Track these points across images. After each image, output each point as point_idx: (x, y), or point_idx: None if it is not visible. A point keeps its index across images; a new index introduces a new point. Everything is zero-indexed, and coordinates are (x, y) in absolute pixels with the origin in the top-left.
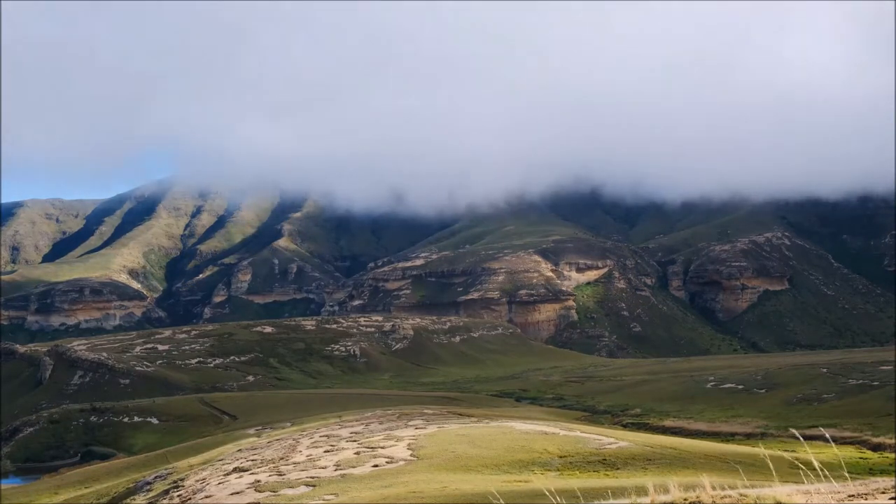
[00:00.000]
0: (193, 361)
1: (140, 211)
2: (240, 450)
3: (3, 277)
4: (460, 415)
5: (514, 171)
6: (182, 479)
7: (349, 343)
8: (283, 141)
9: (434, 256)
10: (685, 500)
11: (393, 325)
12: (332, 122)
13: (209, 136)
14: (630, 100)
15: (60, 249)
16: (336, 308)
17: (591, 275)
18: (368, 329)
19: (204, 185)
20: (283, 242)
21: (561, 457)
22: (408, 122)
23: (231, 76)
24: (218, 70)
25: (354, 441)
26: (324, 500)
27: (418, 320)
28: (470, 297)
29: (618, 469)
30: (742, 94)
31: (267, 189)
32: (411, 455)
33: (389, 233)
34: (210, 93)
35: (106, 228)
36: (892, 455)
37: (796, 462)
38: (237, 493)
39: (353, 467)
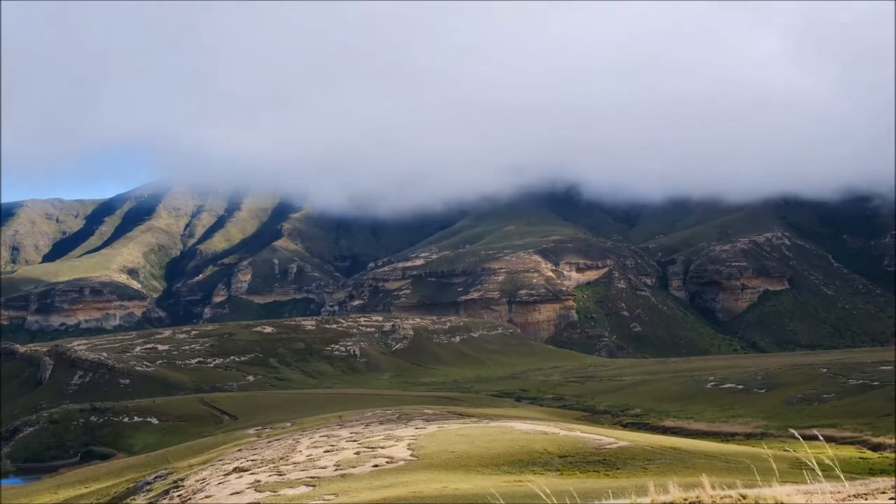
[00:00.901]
0: (193, 361)
1: (140, 211)
2: (240, 450)
3: (3, 277)
4: (460, 415)
5: (488, 170)
6: (182, 479)
7: (349, 343)
8: (282, 142)
9: (434, 256)
10: (685, 500)
11: (393, 325)
12: (319, 121)
13: (207, 137)
14: (605, 100)
15: (60, 249)
16: (336, 308)
17: (591, 275)
18: (368, 329)
19: (204, 186)
20: (283, 242)
21: (561, 457)
22: (383, 124)
23: (227, 78)
24: (212, 71)
25: (354, 441)
26: (324, 500)
27: (418, 320)
28: (470, 297)
29: (618, 469)
30: (739, 94)
31: (267, 189)
32: (411, 455)
33: (389, 233)
34: (205, 94)
35: (106, 228)
36: (892, 455)
37: (797, 462)
38: (237, 493)
39: (353, 467)
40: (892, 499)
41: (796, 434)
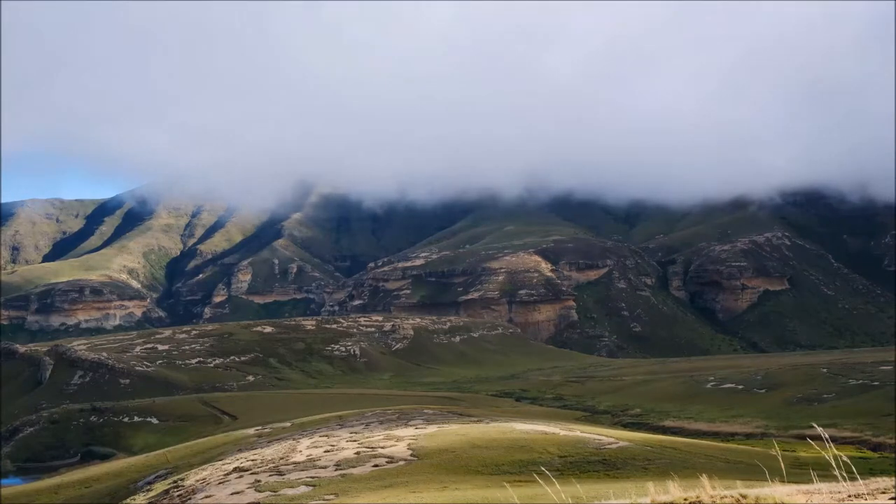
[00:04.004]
0: (193, 361)
1: (140, 211)
2: (240, 450)
3: (3, 277)
4: (460, 415)
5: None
6: (182, 479)
7: (349, 343)
8: (282, 140)
9: (434, 256)
10: (685, 500)
11: (393, 325)
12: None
13: (205, 137)
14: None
15: (60, 249)
16: (336, 308)
17: (591, 275)
18: (368, 329)
19: (204, 185)
20: (282, 242)
21: (561, 457)
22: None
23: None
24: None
25: (354, 441)
26: (324, 500)
27: (418, 320)
28: (470, 297)
29: (618, 469)
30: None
31: (267, 189)
32: (411, 455)
33: (389, 233)
34: (203, 94)
35: (106, 228)
36: (892, 455)
37: (798, 462)
38: (237, 493)
39: (353, 467)
40: (892, 499)
41: (815, 431)
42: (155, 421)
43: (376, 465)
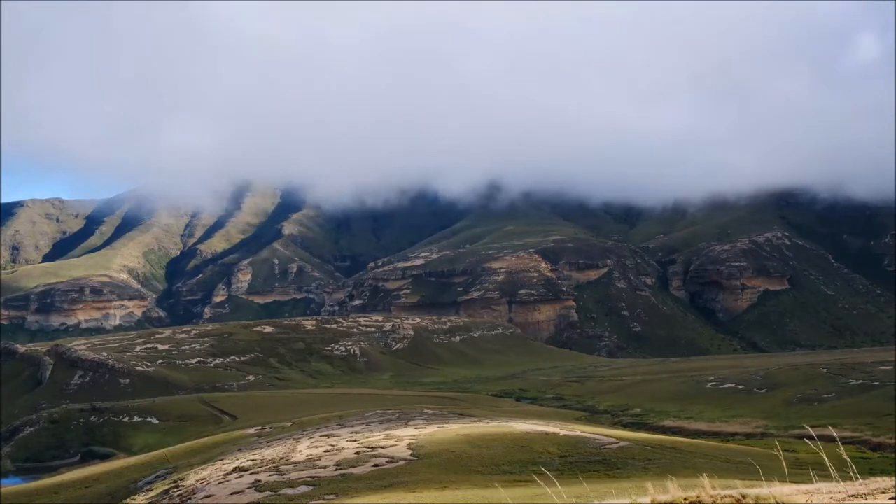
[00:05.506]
0: (193, 361)
1: (140, 211)
2: (240, 450)
3: (3, 277)
4: (460, 415)
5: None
6: (182, 479)
7: (349, 343)
8: (284, 139)
9: (434, 256)
10: (685, 499)
11: (393, 325)
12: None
13: (201, 135)
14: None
15: (60, 249)
16: (336, 308)
17: (591, 275)
18: (368, 329)
19: (204, 185)
20: (283, 242)
21: (561, 457)
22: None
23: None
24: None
25: (354, 441)
26: (324, 499)
27: (418, 320)
28: (470, 297)
29: (618, 469)
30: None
31: (267, 189)
32: (411, 455)
33: (389, 233)
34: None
35: (106, 228)
36: (893, 455)
37: (798, 461)
38: (237, 492)
39: (354, 467)
40: (892, 499)
41: (804, 432)
42: (155, 421)
43: (376, 465)
